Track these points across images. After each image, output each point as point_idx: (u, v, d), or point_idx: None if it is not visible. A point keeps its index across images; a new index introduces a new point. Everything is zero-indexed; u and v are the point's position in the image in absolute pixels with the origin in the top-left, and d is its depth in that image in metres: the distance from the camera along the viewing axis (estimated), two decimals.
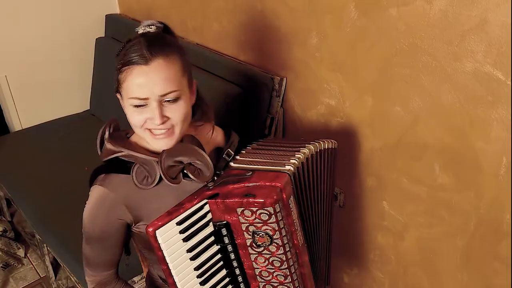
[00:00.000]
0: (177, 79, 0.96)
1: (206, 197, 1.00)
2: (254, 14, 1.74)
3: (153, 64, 0.92)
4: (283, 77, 1.70)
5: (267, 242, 1.00)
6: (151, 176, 1.02)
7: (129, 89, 0.95)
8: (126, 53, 0.94)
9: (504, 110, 1.15)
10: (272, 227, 0.98)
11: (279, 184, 0.98)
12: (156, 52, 0.93)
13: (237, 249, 1.04)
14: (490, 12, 1.09)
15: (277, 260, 1.03)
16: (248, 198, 0.96)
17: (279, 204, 0.97)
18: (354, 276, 1.80)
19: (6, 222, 2.48)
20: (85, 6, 2.50)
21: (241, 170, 1.06)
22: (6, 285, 2.21)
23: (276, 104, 1.73)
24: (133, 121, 0.98)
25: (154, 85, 0.93)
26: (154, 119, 0.95)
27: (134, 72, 0.93)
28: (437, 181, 1.36)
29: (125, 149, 1.02)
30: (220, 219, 1.00)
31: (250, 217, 0.97)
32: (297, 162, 1.05)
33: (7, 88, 2.38)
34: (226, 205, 0.98)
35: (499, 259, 1.30)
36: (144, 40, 0.95)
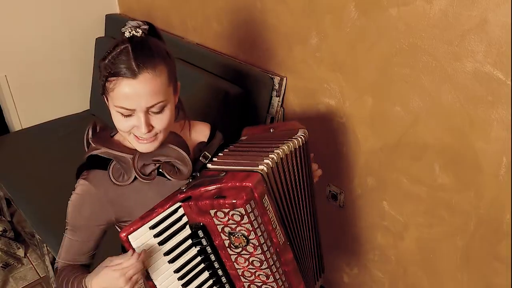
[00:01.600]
0: (163, 90, 0.98)
1: (179, 200, 1.00)
2: (254, 14, 1.74)
3: (140, 78, 0.94)
4: (283, 77, 1.70)
5: (243, 242, 1.00)
6: (127, 174, 1.05)
7: (116, 99, 0.96)
8: (114, 61, 0.95)
9: (504, 110, 1.15)
10: (246, 228, 0.97)
11: (250, 184, 0.97)
12: (143, 65, 0.94)
13: (217, 250, 1.04)
14: (490, 12, 1.09)
15: (256, 260, 1.02)
16: (219, 200, 0.95)
17: (250, 204, 0.95)
18: (354, 276, 1.80)
19: (6, 222, 2.48)
20: (85, 6, 2.50)
21: (215, 172, 1.06)
22: (6, 285, 2.21)
23: (276, 104, 1.73)
24: (119, 127, 1.01)
25: (141, 98, 0.95)
26: (140, 128, 0.98)
27: (122, 84, 0.94)
28: (437, 181, 1.36)
29: (103, 147, 1.06)
30: (196, 221, 1.01)
31: (224, 219, 0.97)
32: (270, 162, 1.04)
33: (7, 88, 2.38)
34: (199, 208, 0.98)
35: (499, 259, 1.30)
36: (131, 48, 0.95)
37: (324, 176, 1.70)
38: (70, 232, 1.12)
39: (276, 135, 1.18)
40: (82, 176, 1.08)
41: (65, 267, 1.13)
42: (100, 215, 1.08)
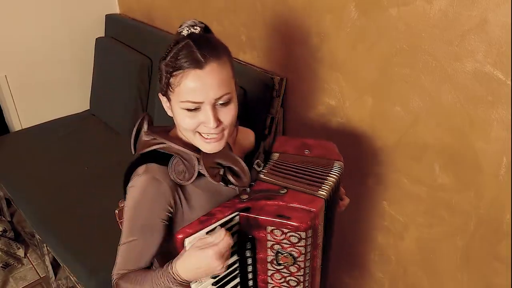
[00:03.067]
0: (229, 81, 0.96)
1: (239, 209, 0.98)
2: (254, 14, 1.74)
3: (207, 68, 0.92)
4: (283, 77, 1.70)
5: (289, 262, 0.99)
6: (189, 172, 1.00)
7: (182, 93, 0.93)
8: (177, 56, 0.93)
9: (504, 110, 1.15)
10: (299, 250, 0.97)
11: (314, 209, 0.96)
12: (209, 56, 0.92)
13: (255, 263, 1.03)
14: (490, 12, 1.09)
15: (294, 280, 1.02)
16: (282, 219, 0.94)
17: (311, 230, 0.95)
18: (354, 276, 1.80)
19: (6, 222, 2.48)
20: (85, 6, 2.50)
21: (273, 186, 1.04)
22: (6, 285, 2.21)
23: (276, 104, 1.73)
24: (185, 125, 0.97)
25: (209, 89, 0.92)
26: (209, 122, 0.94)
27: (189, 76, 0.92)
28: (437, 181, 1.36)
29: (166, 140, 1.01)
30: (248, 232, 0.99)
31: (279, 237, 0.96)
32: (329, 188, 1.03)
33: (7, 88, 2.38)
34: (257, 222, 0.96)
35: (499, 259, 1.30)
36: (192, 42, 0.93)
37: None
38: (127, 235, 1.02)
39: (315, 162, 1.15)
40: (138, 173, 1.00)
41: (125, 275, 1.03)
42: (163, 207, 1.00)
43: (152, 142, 1.02)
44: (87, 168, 2.12)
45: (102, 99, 2.48)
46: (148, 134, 1.03)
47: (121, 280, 1.03)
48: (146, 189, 0.99)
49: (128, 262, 1.03)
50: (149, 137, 1.03)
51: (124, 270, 1.03)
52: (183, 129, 0.99)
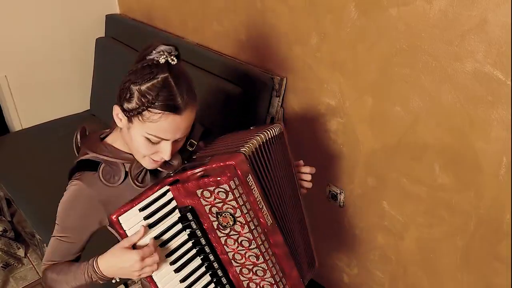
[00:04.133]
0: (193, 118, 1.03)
1: (167, 183, 1.03)
2: (254, 14, 1.74)
3: (184, 114, 0.98)
4: (283, 77, 1.70)
5: (230, 221, 1.02)
6: (117, 175, 1.08)
7: (153, 129, 0.98)
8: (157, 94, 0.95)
9: (504, 110, 1.15)
10: (232, 205, 1.00)
11: (232, 162, 1.00)
12: (187, 101, 0.97)
13: (206, 234, 1.06)
14: (490, 12, 1.09)
15: (245, 239, 1.04)
16: (203, 179, 0.98)
17: (234, 181, 0.98)
18: (354, 276, 1.80)
19: (6, 222, 2.48)
20: (85, 6, 2.50)
21: (201, 158, 1.10)
22: (6, 285, 2.21)
23: (276, 104, 1.73)
24: (140, 150, 1.03)
25: (178, 131, 0.99)
26: (165, 155, 1.01)
27: (168, 119, 0.96)
28: (437, 181, 1.36)
29: (91, 151, 1.09)
30: (184, 204, 1.03)
31: (210, 198, 1.00)
32: (251, 145, 1.07)
33: (7, 88, 2.38)
34: (186, 189, 1.01)
35: (499, 259, 1.30)
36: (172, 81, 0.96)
37: (324, 176, 1.70)
38: (59, 233, 1.11)
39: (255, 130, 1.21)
40: (74, 177, 1.09)
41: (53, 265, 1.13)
42: (92, 215, 1.09)
43: (83, 152, 1.10)
44: None
45: (102, 99, 2.48)
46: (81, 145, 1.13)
47: (48, 269, 1.12)
48: (77, 195, 1.07)
49: (55, 254, 1.12)
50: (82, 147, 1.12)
51: (51, 262, 1.12)
52: (135, 151, 1.05)
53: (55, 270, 1.10)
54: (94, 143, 1.12)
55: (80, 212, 1.08)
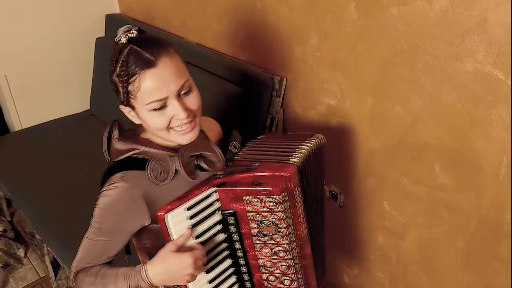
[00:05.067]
0: (183, 67, 0.98)
1: (215, 185, 1.02)
2: (254, 14, 1.74)
3: (160, 64, 0.93)
4: (283, 77, 1.69)
5: (272, 231, 1.02)
6: (166, 171, 1.02)
7: (145, 96, 0.94)
8: (127, 63, 0.94)
9: (504, 110, 1.15)
10: (278, 216, 1.00)
11: (287, 174, 1.00)
12: (157, 52, 0.93)
13: (242, 239, 1.06)
14: (490, 12, 1.09)
15: (281, 250, 1.05)
16: (256, 186, 0.98)
17: (285, 193, 0.99)
18: (355, 276, 1.80)
19: (6, 222, 2.48)
20: (85, 6, 2.50)
21: (248, 161, 1.08)
22: (6, 285, 2.21)
23: (276, 104, 1.73)
24: (157, 125, 0.98)
25: (169, 83, 0.94)
26: (179, 114, 0.96)
27: (146, 77, 0.93)
28: (437, 181, 1.36)
29: (140, 145, 1.03)
30: (228, 207, 1.02)
31: (257, 206, 0.99)
32: (301, 156, 1.07)
33: (7, 88, 2.38)
34: (234, 193, 1.00)
35: (499, 259, 1.30)
36: (136, 46, 0.94)
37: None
38: (96, 235, 1.04)
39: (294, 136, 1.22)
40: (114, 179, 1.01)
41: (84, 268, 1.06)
42: (135, 217, 1.02)
43: (125, 149, 1.03)
44: (87, 168, 2.11)
45: (102, 99, 2.48)
46: (120, 141, 1.04)
47: (80, 273, 1.05)
48: (121, 196, 1.00)
49: (89, 256, 1.05)
50: (121, 144, 1.04)
51: (84, 264, 1.06)
52: (156, 129, 1.00)
53: (90, 273, 1.04)
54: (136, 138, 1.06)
55: (123, 214, 1.01)
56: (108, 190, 1.01)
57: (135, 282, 0.99)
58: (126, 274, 1.00)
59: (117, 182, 1.00)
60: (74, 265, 1.08)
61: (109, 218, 1.02)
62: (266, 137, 1.23)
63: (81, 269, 1.06)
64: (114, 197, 1.00)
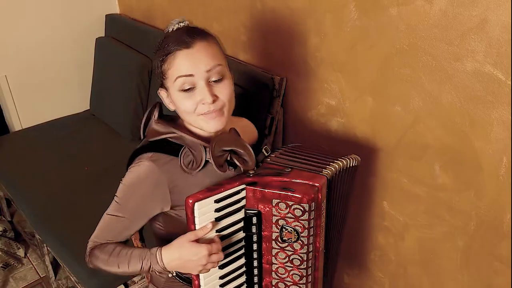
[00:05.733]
0: (220, 55, 1.00)
1: (246, 182, 1.02)
2: (254, 14, 1.74)
3: (196, 46, 0.96)
4: (283, 77, 1.69)
5: (293, 238, 1.02)
6: (197, 161, 1.02)
7: (174, 72, 0.97)
8: (167, 45, 0.98)
9: (504, 110, 1.15)
10: (302, 224, 1.00)
11: (318, 184, 1.00)
12: (196, 36, 0.97)
13: (261, 242, 1.05)
14: (490, 12, 1.09)
15: (297, 258, 1.04)
16: (287, 192, 0.98)
17: (314, 203, 0.99)
18: (354, 276, 1.80)
19: (6, 222, 2.48)
20: (85, 6, 2.50)
21: (279, 166, 1.08)
22: (6, 285, 2.21)
23: (276, 104, 1.73)
24: (185, 108, 0.99)
25: (199, 62, 0.96)
26: (205, 98, 0.97)
27: (178, 56, 0.96)
28: (437, 181, 1.36)
29: (177, 130, 1.03)
30: (253, 207, 1.02)
31: (284, 211, 1.00)
32: (334, 170, 1.08)
33: (7, 88, 2.38)
34: (264, 194, 1.00)
35: (499, 259, 1.30)
36: (180, 30, 0.99)
37: None
38: (117, 211, 1.04)
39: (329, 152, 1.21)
40: (144, 157, 1.01)
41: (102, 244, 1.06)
42: (157, 200, 1.03)
43: (162, 131, 1.04)
44: (87, 168, 2.12)
45: (102, 99, 2.48)
46: (158, 123, 1.05)
47: (97, 249, 1.06)
48: (148, 176, 1.01)
49: (107, 233, 1.06)
50: (159, 126, 1.05)
51: (101, 240, 1.06)
52: (185, 113, 1.01)
53: (105, 251, 1.04)
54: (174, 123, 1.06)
55: (146, 194, 1.02)
56: (135, 166, 1.01)
57: (148, 264, 1.00)
58: (140, 255, 1.01)
59: (146, 161, 1.01)
60: (91, 240, 1.08)
61: (131, 196, 1.03)
62: (299, 146, 1.23)
63: (97, 246, 1.07)
64: (140, 175, 1.01)
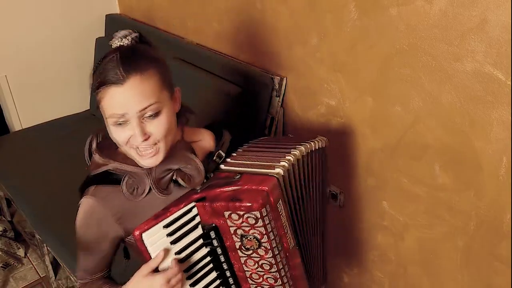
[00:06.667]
0: (155, 92, 0.94)
1: (193, 200, 1.00)
2: (254, 14, 1.74)
3: (128, 83, 0.91)
4: (283, 77, 1.69)
5: (255, 245, 1.00)
6: (141, 187, 1.00)
7: (106, 108, 0.94)
8: (102, 71, 0.93)
9: (504, 110, 1.15)
10: (259, 231, 0.98)
11: (266, 188, 0.97)
12: (131, 70, 0.92)
13: (227, 252, 1.04)
14: (490, 12, 1.09)
15: (266, 263, 1.03)
16: (235, 202, 0.95)
17: (266, 208, 0.96)
18: (354, 276, 1.80)
19: (6, 222, 2.48)
20: (85, 6, 2.50)
21: (229, 173, 1.05)
22: (6, 285, 2.21)
23: (276, 104, 1.73)
24: (118, 139, 0.97)
25: (130, 102, 0.92)
26: (135, 136, 0.94)
27: (109, 92, 0.92)
28: (437, 181, 1.36)
29: (113, 161, 1.02)
30: (208, 222, 1.00)
31: (238, 221, 0.97)
32: (287, 165, 1.04)
33: (7, 88, 2.38)
34: (213, 209, 0.98)
35: (499, 259, 1.30)
36: (118, 56, 0.93)
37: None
38: (81, 251, 1.08)
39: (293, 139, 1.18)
40: (87, 193, 1.02)
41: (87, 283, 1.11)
42: (107, 232, 1.04)
43: (101, 163, 1.03)
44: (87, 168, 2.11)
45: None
46: (97, 153, 1.04)
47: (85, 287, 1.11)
48: (91, 213, 1.02)
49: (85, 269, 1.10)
50: (98, 157, 1.04)
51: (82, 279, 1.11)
52: (117, 143, 0.99)
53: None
54: (112, 153, 1.04)
55: (95, 230, 1.04)
56: (80, 205, 1.03)
57: None
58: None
59: (87, 198, 1.02)
60: (77, 280, 1.13)
61: (85, 234, 1.05)
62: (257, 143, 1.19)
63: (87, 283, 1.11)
64: (85, 214, 1.03)
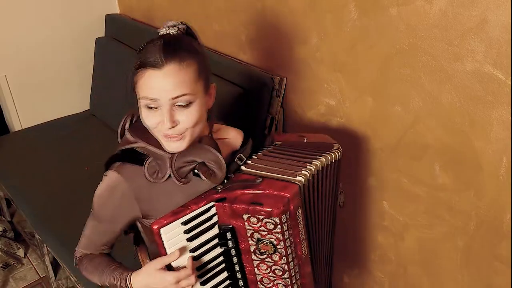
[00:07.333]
0: (190, 83, 0.96)
1: (213, 200, 1.00)
2: (254, 14, 1.74)
3: (166, 69, 0.94)
4: (283, 77, 1.70)
5: (270, 250, 1.00)
6: (161, 172, 1.02)
7: (141, 89, 0.97)
8: (144, 53, 0.96)
9: (504, 110, 1.15)
10: (276, 237, 0.98)
11: (288, 195, 0.98)
12: (170, 57, 0.94)
13: (240, 254, 1.04)
14: (490, 12, 1.09)
15: (279, 269, 1.03)
16: (255, 206, 0.96)
17: (285, 215, 0.96)
18: (354, 276, 1.80)
19: (6, 222, 2.48)
20: (85, 6, 2.50)
21: (250, 176, 1.05)
22: (6, 285, 2.21)
23: (276, 104, 1.73)
24: (147, 123, 0.99)
25: (164, 88, 0.94)
26: (164, 122, 0.96)
27: (146, 74, 0.95)
28: (437, 181, 1.36)
29: (142, 141, 1.04)
30: (226, 222, 1.01)
31: (256, 224, 0.97)
32: (308, 174, 1.04)
33: (7, 88, 2.38)
34: (233, 210, 0.98)
35: (499, 259, 1.30)
36: (161, 42, 0.96)
37: None
38: (93, 221, 1.10)
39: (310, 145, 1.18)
40: (113, 168, 1.04)
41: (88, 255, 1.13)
42: (126, 210, 1.05)
43: (131, 140, 1.05)
44: (87, 168, 2.11)
45: (102, 99, 2.48)
46: (129, 132, 1.07)
47: (85, 259, 1.14)
48: (113, 188, 1.03)
49: (90, 244, 1.13)
50: (130, 135, 1.06)
51: (87, 249, 1.14)
52: (146, 126, 1.01)
53: (92, 263, 1.12)
54: (144, 133, 1.05)
55: (115, 205, 1.05)
56: (104, 177, 1.05)
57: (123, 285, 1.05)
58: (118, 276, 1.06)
59: (112, 172, 1.03)
60: (78, 250, 1.15)
61: (102, 207, 1.07)
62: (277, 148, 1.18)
63: (86, 255, 1.13)
64: (107, 187, 1.04)
